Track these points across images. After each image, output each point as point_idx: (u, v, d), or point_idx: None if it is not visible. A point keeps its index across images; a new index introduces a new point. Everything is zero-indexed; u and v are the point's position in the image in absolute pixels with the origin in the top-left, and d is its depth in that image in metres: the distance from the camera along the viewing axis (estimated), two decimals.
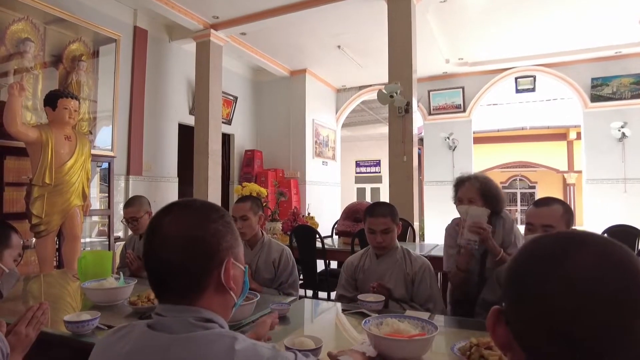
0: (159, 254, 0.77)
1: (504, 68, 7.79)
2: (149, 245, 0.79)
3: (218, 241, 0.79)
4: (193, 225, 0.78)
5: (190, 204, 0.82)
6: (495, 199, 2.09)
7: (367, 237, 1.94)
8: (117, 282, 1.76)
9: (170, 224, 0.78)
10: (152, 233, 0.79)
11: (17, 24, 4.07)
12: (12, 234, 1.22)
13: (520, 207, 14.37)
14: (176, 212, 0.80)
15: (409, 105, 4.51)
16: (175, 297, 0.77)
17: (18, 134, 3.37)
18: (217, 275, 0.78)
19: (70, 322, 1.34)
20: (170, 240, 0.76)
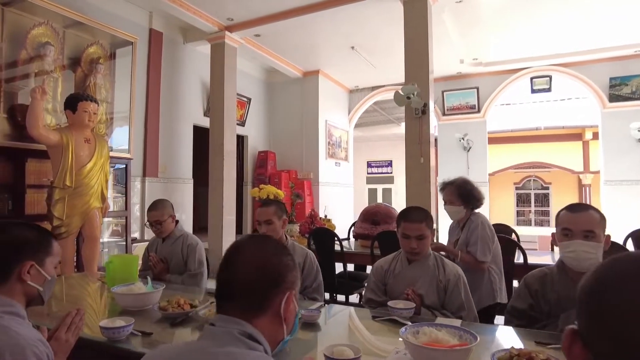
0: (237, 269, 0.87)
1: (519, 68, 7.70)
2: (229, 259, 0.90)
3: (286, 273, 0.89)
4: (271, 253, 0.90)
5: (270, 238, 1.02)
6: (471, 199, 2.62)
7: (400, 241, 1.92)
8: (146, 287, 1.76)
9: (253, 246, 0.91)
10: (235, 250, 0.91)
11: (38, 28, 4.11)
12: (53, 241, 1.23)
13: (534, 208, 14.19)
14: (259, 239, 0.96)
15: (426, 106, 4.48)
16: (235, 311, 0.85)
17: (40, 136, 3.41)
18: (278, 303, 0.86)
19: (106, 328, 1.35)
20: (250, 259, 0.88)
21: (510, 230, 3.91)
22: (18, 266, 1.14)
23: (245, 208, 7.52)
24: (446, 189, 2.69)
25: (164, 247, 2.51)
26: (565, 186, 13.25)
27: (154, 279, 2.31)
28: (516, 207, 14.52)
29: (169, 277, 2.39)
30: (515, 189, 14.52)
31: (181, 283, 2.34)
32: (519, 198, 14.66)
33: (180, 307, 1.60)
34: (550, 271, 1.68)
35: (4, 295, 1.11)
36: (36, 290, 1.18)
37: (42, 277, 1.18)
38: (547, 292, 1.63)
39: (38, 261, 1.17)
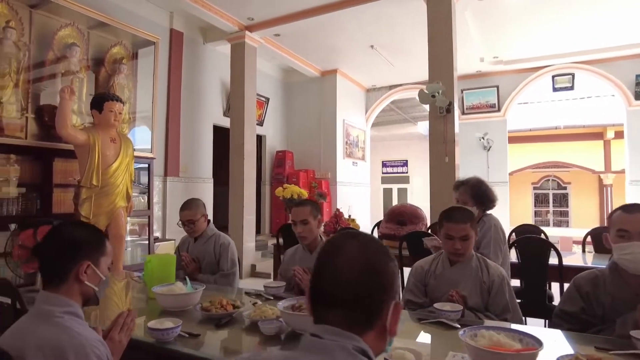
0: (341, 272, 0.75)
1: (541, 66, 7.57)
2: (328, 260, 0.78)
3: (394, 279, 0.79)
4: (377, 257, 0.78)
5: (373, 238, 0.84)
6: (485, 200, 2.58)
7: (442, 242, 1.88)
8: (186, 288, 1.75)
9: (357, 247, 0.78)
10: (337, 250, 0.79)
11: (64, 29, 4.15)
12: (106, 241, 1.22)
13: (552, 209, 13.96)
14: (362, 239, 0.81)
15: (451, 105, 4.41)
16: (339, 322, 0.74)
17: (68, 136, 3.43)
18: (386, 314, 0.76)
19: (154, 330, 1.33)
20: (357, 262, 0.76)
21: (539, 231, 3.83)
22: (76, 266, 1.13)
23: (263, 208, 7.52)
24: (460, 189, 2.64)
25: (196, 247, 2.50)
26: (585, 186, 13.00)
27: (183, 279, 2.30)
28: (534, 207, 14.31)
29: (201, 277, 2.38)
30: (533, 189, 14.30)
31: (214, 283, 2.32)
32: (537, 198, 14.44)
33: (223, 308, 1.58)
34: (601, 273, 1.62)
35: (63, 295, 1.11)
36: (92, 291, 1.17)
37: (98, 277, 1.18)
38: (599, 294, 1.58)
39: (94, 261, 1.17)
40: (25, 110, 3.84)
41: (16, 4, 3.78)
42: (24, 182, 3.77)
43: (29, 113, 3.88)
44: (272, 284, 1.98)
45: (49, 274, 1.14)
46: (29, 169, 3.83)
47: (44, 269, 1.15)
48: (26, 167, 3.80)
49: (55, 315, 1.07)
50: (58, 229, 1.19)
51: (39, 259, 1.15)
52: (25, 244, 2.83)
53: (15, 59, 3.76)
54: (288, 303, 1.53)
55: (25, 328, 1.06)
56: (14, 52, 3.74)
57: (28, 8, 3.94)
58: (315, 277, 0.79)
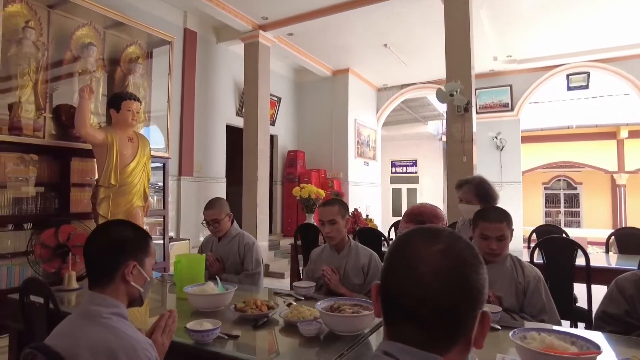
0: (422, 283, 0.63)
1: (555, 65, 7.49)
2: (406, 268, 0.65)
3: (483, 289, 0.65)
4: (466, 262, 0.65)
5: (459, 237, 0.69)
6: (488, 198, 2.56)
7: (477, 242, 1.84)
8: (217, 288, 1.73)
9: (441, 255, 0.64)
10: (416, 254, 0.65)
11: (82, 29, 4.16)
12: (150, 241, 1.19)
13: (563, 209, 13.82)
14: (447, 242, 0.66)
15: (469, 104, 4.37)
16: (421, 339, 0.63)
17: (87, 135, 3.43)
18: (471, 328, 0.65)
19: (194, 331, 1.31)
20: (441, 273, 0.63)
21: (560, 231, 3.77)
22: (122, 266, 1.11)
23: (275, 208, 7.50)
24: (464, 188, 2.65)
25: (220, 246, 2.47)
26: (597, 186, 12.86)
27: (208, 279, 2.29)
28: (544, 207, 14.18)
29: (225, 277, 2.36)
30: (544, 189, 14.17)
31: (238, 283, 2.30)
32: (548, 198, 14.31)
33: (258, 309, 1.55)
34: None
35: (109, 296, 1.09)
36: (138, 292, 1.15)
37: (143, 278, 1.15)
38: None
39: (139, 261, 1.15)
40: (43, 109, 3.85)
41: (35, 4, 3.79)
42: (42, 182, 3.77)
43: (46, 113, 3.88)
44: (302, 284, 1.95)
45: (95, 274, 1.12)
46: (46, 169, 3.83)
47: (91, 268, 1.12)
48: (44, 167, 3.81)
49: (102, 316, 1.05)
50: (104, 228, 1.17)
51: (86, 259, 1.13)
52: (47, 243, 2.84)
53: (34, 58, 3.76)
54: (326, 304, 1.50)
55: (74, 328, 1.04)
56: (33, 52, 3.75)
57: (47, 8, 3.95)
58: (387, 285, 0.67)
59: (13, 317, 1.86)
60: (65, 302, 1.95)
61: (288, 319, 1.49)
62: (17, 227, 3.66)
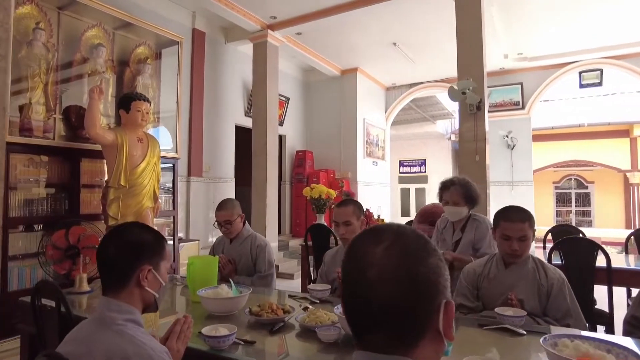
0: (374, 289, 0.61)
1: (567, 62, 7.38)
2: (357, 275, 0.63)
3: (438, 279, 0.63)
4: (413, 257, 0.62)
5: (403, 231, 0.65)
6: (475, 199, 2.49)
7: (498, 243, 1.78)
8: (232, 291, 1.69)
9: (385, 255, 0.61)
10: (363, 259, 0.63)
11: (91, 30, 4.15)
12: (165, 244, 1.15)
13: (575, 208, 13.64)
14: (391, 239, 0.63)
15: (481, 102, 4.29)
16: (385, 343, 0.61)
17: (97, 136, 3.41)
18: (435, 320, 0.62)
19: (210, 337, 1.27)
20: (388, 275, 0.60)
21: (577, 231, 3.69)
22: (137, 270, 1.07)
23: (283, 208, 7.47)
24: (451, 189, 2.48)
25: (232, 248, 2.44)
26: (609, 185, 12.68)
27: (221, 280, 2.25)
28: (555, 207, 14.01)
29: (237, 279, 2.32)
30: (555, 188, 14.00)
31: (250, 284, 2.26)
32: (558, 198, 14.13)
33: (274, 313, 1.51)
34: None
35: (123, 301, 1.05)
36: (152, 297, 1.11)
37: (158, 283, 1.11)
38: None
39: (154, 265, 1.10)
40: (53, 111, 3.85)
41: (45, 5, 3.78)
42: (52, 183, 3.77)
43: (56, 114, 3.88)
44: (317, 287, 1.90)
45: (109, 279, 1.08)
46: (57, 170, 3.82)
47: (105, 273, 1.08)
48: (54, 168, 3.80)
49: (117, 323, 1.01)
50: (118, 231, 1.12)
51: (99, 263, 1.09)
52: (58, 245, 2.82)
53: (45, 59, 3.76)
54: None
55: (89, 335, 1.00)
56: (43, 53, 3.74)
57: (56, 10, 3.94)
58: (345, 294, 0.65)
59: (24, 320, 1.84)
60: (76, 305, 1.92)
61: (305, 323, 1.44)
62: (28, 229, 3.66)
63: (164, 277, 1.13)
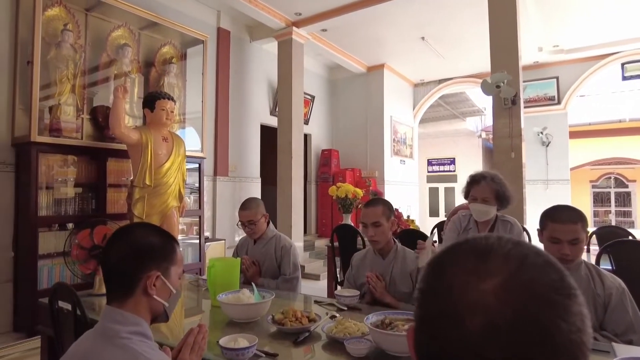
0: (480, 350, 0.39)
1: (607, 53, 6.97)
2: (447, 324, 0.41)
3: (582, 339, 0.40)
4: (547, 305, 0.39)
5: (524, 256, 0.43)
6: (507, 199, 2.22)
7: (545, 247, 1.60)
8: (254, 296, 1.58)
9: (499, 299, 0.39)
10: (460, 306, 0.41)
11: (117, 30, 4.17)
12: (176, 248, 1.04)
13: (614, 209, 12.97)
14: (505, 271, 0.41)
15: (517, 96, 4.06)
16: None
17: (122, 135, 3.39)
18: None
19: (228, 349, 1.16)
20: (506, 330, 0.38)
21: (625, 233, 3.41)
22: (144, 277, 0.97)
23: (309, 207, 7.37)
24: (482, 184, 2.22)
25: (256, 249, 2.34)
26: None
27: (244, 283, 2.16)
28: (592, 207, 13.36)
29: (262, 281, 2.22)
30: (592, 187, 13.36)
31: (275, 288, 2.16)
32: (596, 197, 13.47)
33: (298, 321, 1.39)
34: None
35: (129, 311, 0.95)
36: (162, 306, 1.00)
37: (168, 291, 1.00)
38: None
39: (163, 271, 0.99)
40: (81, 111, 3.88)
41: (73, 7, 3.82)
42: (80, 182, 3.80)
43: (84, 114, 3.91)
44: (345, 293, 1.78)
45: (113, 286, 0.98)
46: (84, 170, 3.85)
47: (109, 279, 0.99)
48: (82, 168, 3.83)
49: (120, 336, 0.90)
50: (123, 233, 1.02)
51: (103, 268, 0.99)
52: (83, 244, 2.80)
53: (72, 60, 3.79)
54: (376, 318, 1.32)
55: (90, 350, 0.90)
56: (71, 54, 3.77)
57: (84, 11, 3.98)
58: (424, 340, 0.44)
59: (44, 322, 1.80)
60: (96, 307, 1.87)
61: (332, 334, 1.32)
62: (59, 228, 3.69)
63: (175, 284, 1.02)
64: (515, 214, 3.76)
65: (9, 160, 3.58)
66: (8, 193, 3.56)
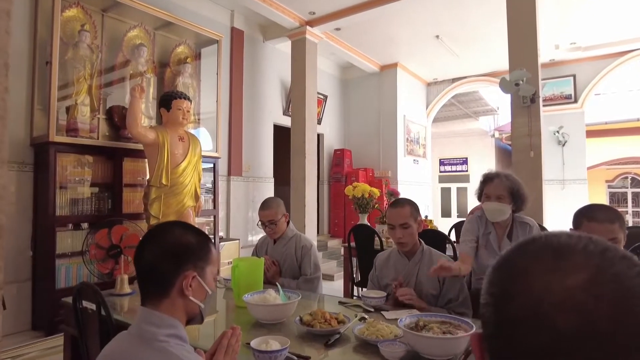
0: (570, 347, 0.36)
1: (625, 51, 6.82)
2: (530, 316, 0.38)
3: None
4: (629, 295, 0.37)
5: (604, 249, 0.40)
6: (522, 198, 2.12)
7: None
8: (279, 296, 1.55)
9: (588, 295, 0.37)
10: (545, 306, 0.38)
11: (132, 31, 4.18)
12: (212, 247, 1.02)
13: (631, 209, 12.72)
14: (590, 266, 0.39)
15: (536, 94, 3.98)
16: None
17: (139, 135, 3.39)
18: None
19: (260, 352, 1.13)
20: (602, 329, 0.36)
21: None
22: (180, 277, 0.93)
23: (322, 208, 7.33)
24: (495, 182, 2.11)
25: (276, 249, 2.31)
26: None
27: (264, 283, 2.13)
28: None
29: (282, 282, 2.19)
30: (608, 188, 13.11)
31: (296, 288, 2.13)
32: (612, 198, 13.22)
33: (327, 323, 1.36)
34: None
35: (165, 313, 0.91)
36: (197, 308, 0.97)
37: (204, 291, 0.97)
38: None
39: (199, 271, 0.96)
40: (97, 111, 3.89)
41: (90, 8, 3.83)
42: (96, 182, 3.81)
43: (100, 114, 3.92)
44: (371, 294, 1.74)
45: (149, 287, 0.95)
46: (101, 169, 3.86)
47: (144, 280, 0.96)
48: (98, 168, 3.84)
49: (158, 339, 0.87)
50: (159, 231, 0.99)
51: (137, 268, 0.96)
52: (101, 244, 2.80)
53: (89, 61, 3.80)
54: (409, 320, 1.29)
55: (125, 352, 0.88)
56: (88, 55, 3.79)
57: (100, 12, 4.00)
58: (499, 345, 0.41)
59: (67, 321, 1.79)
60: (117, 308, 1.85)
61: (364, 337, 1.28)
62: (75, 227, 3.71)
63: (211, 285, 0.99)
64: (534, 213, 3.69)
65: (27, 160, 3.60)
66: (27, 193, 3.58)
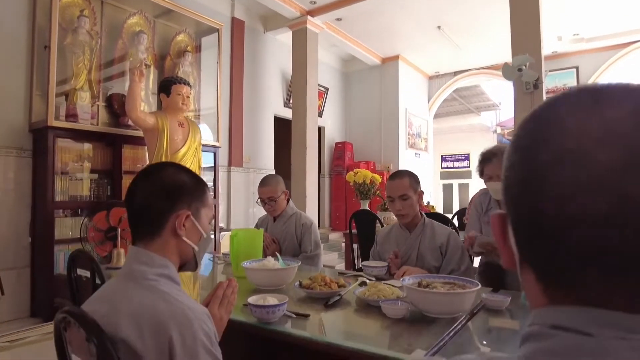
0: (624, 185, 0.32)
1: (629, 42, 6.77)
2: (572, 161, 0.34)
3: None
4: None
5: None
6: None
7: None
8: (279, 263, 1.52)
9: (637, 120, 0.33)
10: (586, 137, 0.34)
11: (132, 18, 4.14)
12: (207, 190, 0.98)
13: None
14: (630, 101, 0.34)
15: (539, 80, 3.94)
16: (630, 296, 0.35)
17: (138, 119, 3.36)
18: None
19: (257, 306, 1.09)
20: None
21: None
22: (173, 216, 0.90)
23: (322, 200, 7.30)
24: (494, 161, 2.07)
25: (276, 227, 2.28)
26: None
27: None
28: None
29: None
30: None
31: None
32: None
33: (328, 286, 1.32)
34: None
35: (157, 252, 0.88)
36: (191, 251, 0.93)
37: (198, 233, 0.94)
38: None
39: (193, 211, 0.92)
40: (96, 98, 3.86)
41: None
42: (96, 169, 3.77)
43: (99, 101, 3.89)
44: (372, 264, 1.70)
45: (140, 225, 0.91)
46: (100, 156, 3.83)
47: (135, 219, 0.92)
48: (98, 154, 3.81)
49: (147, 278, 0.84)
50: (152, 170, 0.95)
51: (129, 208, 0.93)
52: (99, 227, 2.78)
53: (89, 46, 3.77)
54: (412, 280, 1.25)
55: (114, 291, 0.84)
56: (87, 40, 3.76)
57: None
58: (533, 200, 0.35)
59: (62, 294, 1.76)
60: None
61: (365, 297, 1.24)
62: (74, 214, 3.68)
63: (205, 228, 0.95)
64: None
65: (26, 146, 3.57)
66: (26, 179, 3.55)
